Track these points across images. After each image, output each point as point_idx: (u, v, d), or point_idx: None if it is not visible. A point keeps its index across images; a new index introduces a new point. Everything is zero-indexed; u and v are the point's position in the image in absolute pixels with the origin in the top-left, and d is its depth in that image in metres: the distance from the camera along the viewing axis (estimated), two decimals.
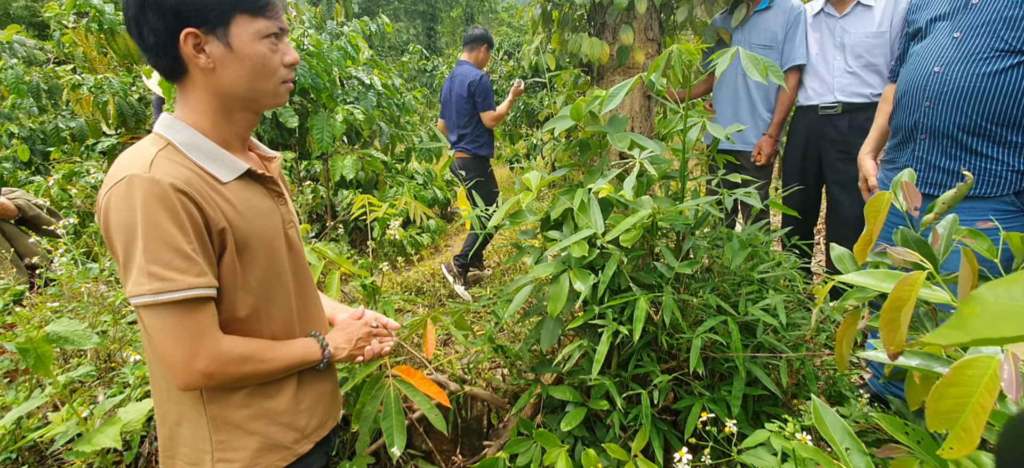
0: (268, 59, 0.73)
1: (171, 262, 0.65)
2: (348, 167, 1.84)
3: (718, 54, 1.18)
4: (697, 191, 1.43)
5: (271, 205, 0.81)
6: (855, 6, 1.99)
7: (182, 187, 0.66)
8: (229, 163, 0.75)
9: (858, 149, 2.04)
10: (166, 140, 0.72)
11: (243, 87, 0.73)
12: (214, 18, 0.68)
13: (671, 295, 1.21)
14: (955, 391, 0.50)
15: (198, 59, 0.70)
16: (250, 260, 0.75)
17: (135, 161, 0.67)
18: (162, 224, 0.64)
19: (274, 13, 0.73)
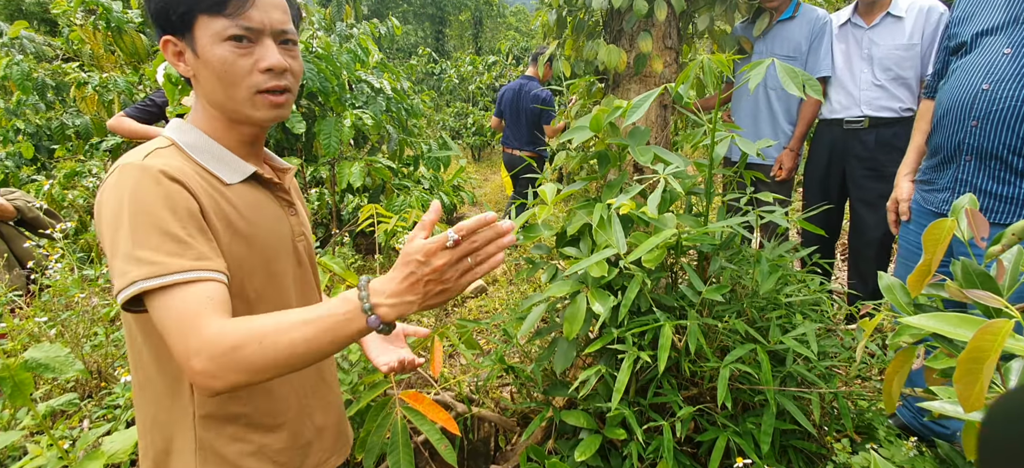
0: (230, 64, 0.64)
1: (161, 246, 0.58)
2: (355, 174, 1.78)
3: (749, 67, 1.11)
4: (721, 209, 1.36)
5: (280, 212, 0.75)
6: (884, 17, 1.91)
7: (176, 175, 0.61)
8: (234, 165, 0.70)
9: (885, 166, 1.97)
10: (170, 141, 0.68)
11: (218, 97, 0.67)
12: (177, 23, 0.63)
13: (696, 320, 1.14)
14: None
15: (178, 67, 0.67)
16: (250, 268, 0.69)
17: (132, 156, 0.64)
18: (150, 207, 0.59)
19: (236, 9, 0.63)
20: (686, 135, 1.43)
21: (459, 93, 10.26)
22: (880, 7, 1.92)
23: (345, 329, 0.56)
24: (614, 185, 1.44)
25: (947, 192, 1.29)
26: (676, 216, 1.32)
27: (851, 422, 1.17)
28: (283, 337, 0.55)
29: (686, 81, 1.17)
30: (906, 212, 1.45)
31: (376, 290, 0.57)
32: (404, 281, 0.56)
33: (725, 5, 2.17)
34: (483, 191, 7.00)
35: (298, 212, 0.79)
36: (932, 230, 0.76)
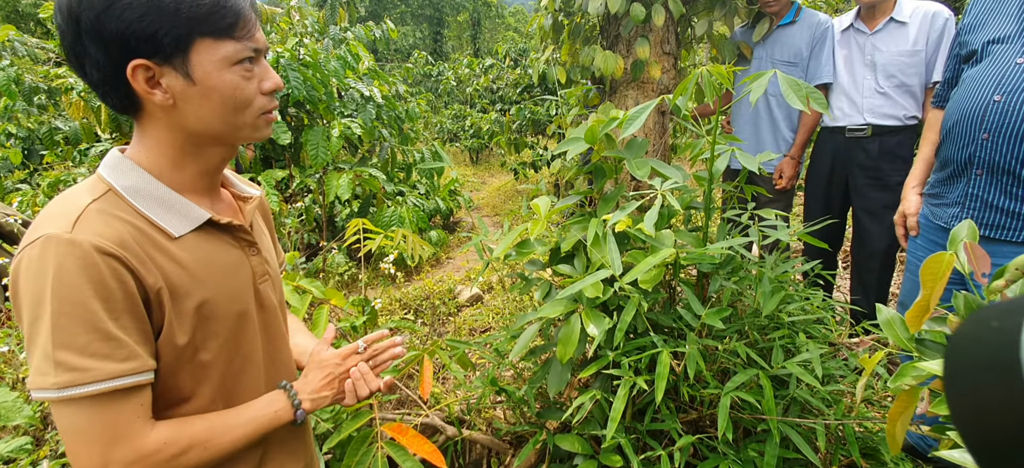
0: (241, 89, 0.60)
1: (88, 346, 0.52)
2: (343, 187, 1.72)
3: (751, 78, 1.06)
4: (722, 224, 1.30)
5: (238, 257, 0.67)
6: (888, 22, 1.86)
7: (110, 249, 0.53)
8: (184, 212, 0.61)
9: (888, 175, 1.92)
10: (107, 185, 0.59)
11: (216, 125, 0.60)
12: (169, 46, 0.55)
13: (696, 345, 1.08)
14: None
15: (153, 95, 0.57)
16: (204, 335, 0.62)
17: (58, 216, 0.54)
18: (78, 297, 0.51)
19: (245, 33, 0.59)
20: (686, 144, 1.38)
21: (457, 95, 10.20)
22: (883, 12, 1.87)
23: (278, 421, 0.68)
24: (610, 199, 1.39)
25: (957, 207, 1.23)
26: (674, 233, 1.27)
27: (858, 448, 1.12)
28: (226, 437, 0.63)
29: (685, 93, 1.12)
30: (914, 227, 1.40)
31: (300, 389, 0.72)
32: (322, 381, 0.73)
33: (724, 10, 2.12)
34: (481, 194, 6.95)
35: (261, 250, 0.71)
36: (930, 264, 0.71)
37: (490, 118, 6.70)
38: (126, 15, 0.53)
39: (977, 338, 0.23)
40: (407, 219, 1.94)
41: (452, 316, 2.98)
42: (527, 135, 6.27)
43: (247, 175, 1.92)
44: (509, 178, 7.45)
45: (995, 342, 0.21)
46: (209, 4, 0.56)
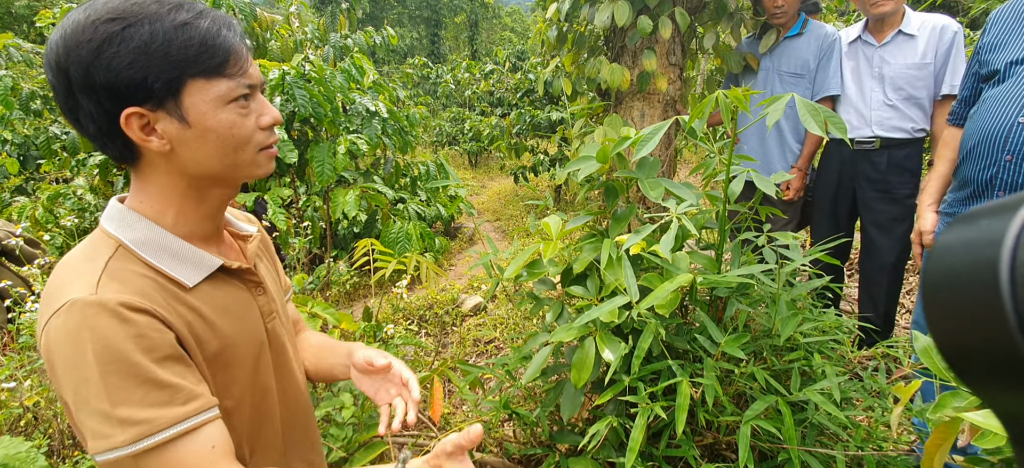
0: (238, 127, 0.58)
1: (146, 398, 0.51)
2: (350, 203, 1.70)
3: (769, 101, 1.05)
4: (736, 246, 1.29)
5: (247, 299, 0.67)
6: (896, 35, 1.85)
7: (139, 304, 0.52)
8: (196, 261, 0.60)
9: (896, 188, 1.91)
10: (115, 241, 0.57)
11: (214, 165, 0.58)
12: (160, 91, 0.53)
13: (713, 372, 1.07)
14: None
15: (149, 143, 0.55)
16: (224, 383, 0.61)
17: (77, 279, 0.53)
18: (122, 355, 0.50)
19: (238, 69, 0.57)
20: (699, 166, 1.37)
21: (455, 97, 10.18)
22: (891, 25, 1.86)
23: None
24: (622, 219, 1.38)
25: None
26: (689, 255, 1.26)
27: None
28: None
29: (701, 116, 1.10)
30: (931, 245, 1.39)
31: None
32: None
33: (731, 21, 2.11)
34: (480, 198, 6.92)
35: (266, 289, 0.70)
36: None
37: (490, 122, 6.68)
38: (114, 64, 0.51)
39: (962, 238, 0.21)
40: (414, 236, 1.92)
41: (456, 326, 2.96)
42: (527, 139, 6.26)
43: (253, 193, 1.89)
44: (509, 182, 7.43)
45: (979, 241, 0.20)
46: (197, 44, 0.54)
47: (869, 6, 1.83)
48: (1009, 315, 0.18)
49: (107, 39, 0.50)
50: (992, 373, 0.20)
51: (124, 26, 0.51)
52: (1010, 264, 0.18)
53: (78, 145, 3.30)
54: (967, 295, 0.20)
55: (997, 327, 0.18)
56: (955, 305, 0.21)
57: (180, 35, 0.53)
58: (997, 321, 0.18)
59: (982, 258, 0.19)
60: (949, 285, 0.21)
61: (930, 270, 0.22)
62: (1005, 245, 0.19)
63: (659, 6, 2.01)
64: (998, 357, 0.19)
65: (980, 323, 0.19)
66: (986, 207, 0.21)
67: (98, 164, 3.17)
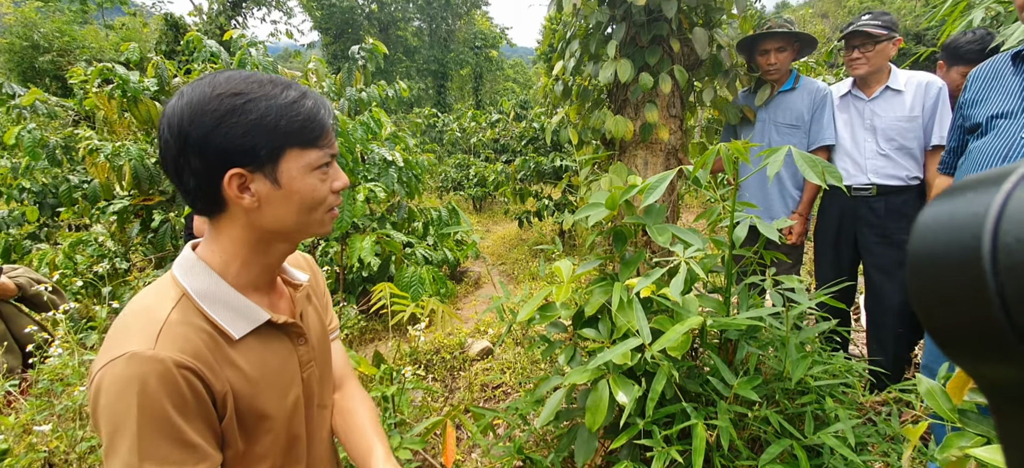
0: (318, 191, 0.65)
1: (169, 456, 0.56)
2: (366, 249, 1.76)
3: (770, 152, 1.12)
4: (743, 289, 1.33)
5: (288, 350, 0.71)
6: (884, 90, 1.97)
7: (189, 364, 0.58)
8: (246, 313, 0.65)
9: (896, 233, 1.96)
10: (181, 290, 0.63)
11: (290, 222, 0.65)
12: (264, 157, 0.61)
13: (727, 414, 1.08)
14: None
15: (242, 200, 0.62)
16: (260, 431, 0.66)
17: (140, 331, 0.58)
18: (162, 412, 0.55)
19: (327, 143, 0.66)
20: (703, 213, 1.43)
21: (461, 144, 10.48)
22: (878, 81, 1.98)
23: None
24: (631, 263, 1.42)
25: None
26: (698, 298, 1.29)
27: None
28: None
29: (705, 166, 1.17)
30: None
31: None
32: None
33: (727, 78, 2.24)
34: (485, 243, 6.99)
35: (309, 339, 0.74)
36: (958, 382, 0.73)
37: (495, 168, 6.86)
38: (232, 133, 0.58)
39: (940, 224, 0.21)
40: (427, 280, 1.97)
41: (463, 370, 2.95)
42: (531, 184, 6.40)
43: None
44: (513, 226, 7.53)
45: (961, 215, 0.20)
46: (302, 120, 0.62)
47: (849, 68, 1.97)
48: (990, 288, 0.18)
49: (230, 111, 0.58)
50: (974, 345, 0.20)
51: (245, 101, 0.59)
52: (992, 237, 0.18)
53: (99, 193, 3.42)
54: (950, 268, 0.20)
55: (979, 300, 0.18)
56: (938, 278, 0.21)
57: (288, 112, 0.61)
58: (979, 294, 0.18)
59: (965, 231, 0.19)
60: (932, 258, 0.21)
61: (914, 243, 0.22)
62: (988, 218, 0.18)
63: (659, 64, 2.14)
64: (980, 329, 0.19)
65: (962, 296, 0.19)
66: (970, 179, 0.21)
67: (116, 212, 3.27)
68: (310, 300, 0.80)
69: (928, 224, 0.22)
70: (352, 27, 19.24)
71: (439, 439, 1.81)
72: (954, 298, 0.20)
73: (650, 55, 2.12)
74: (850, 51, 1.97)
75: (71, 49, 13.21)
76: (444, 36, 21.21)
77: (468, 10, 21.65)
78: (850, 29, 1.94)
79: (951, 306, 0.20)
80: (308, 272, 0.82)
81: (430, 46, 20.89)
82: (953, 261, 0.20)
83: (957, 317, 0.20)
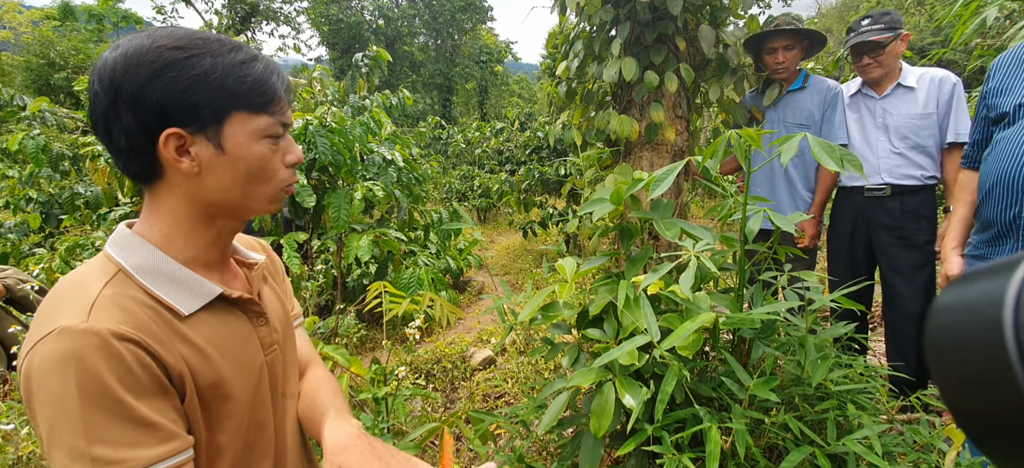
0: (268, 161, 0.60)
1: (122, 436, 0.49)
2: (364, 248, 1.71)
3: (782, 140, 1.06)
4: (758, 287, 1.26)
5: (248, 330, 0.65)
6: (895, 87, 1.90)
7: (131, 334, 0.51)
8: (194, 288, 0.59)
9: (913, 234, 1.88)
10: (117, 266, 0.56)
11: (234, 194, 0.60)
12: (206, 117, 0.55)
13: (743, 420, 1.01)
14: None
15: (180, 163, 0.56)
16: (222, 414, 0.60)
17: (71, 306, 0.52)
18: (105, 389, 0.49)
19: (279, 109, 0.61)
20: (713, 208, 1.37)
21: (465, 156, 10.50)
22: (890, 79, 1.92)
23: None
24: (638, 261, 1.36)
25: None
26: (709, 296, 1.22)
27: None
28: None
29: (715, 154, 1.12)
30: None
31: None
32: None
33: (735, 76, 2.20)
34: (489, 253, 6.93)
35: (269, 320, 0.69)
36: None
37: (499, 178, 6.83)
38: (170, 87, 0.53)
39: (959, 309, 0.21)
40: (426, 281, 1.91)
41: (465, 380, 2.87)
42: (535, 194, 6.36)
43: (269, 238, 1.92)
44: (517, 237, 7.48)
45: (980, 302, 0.20)
46: (251, 81, 0.57)
47: (859, 72, 1.91)
48: (1018, 375, 0.18)
49: (170, 63, 0.53)
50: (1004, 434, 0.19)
51: (188, 55, 0.54)
52: (1014, 324, 0.18)
53: (101, 200, 3.41)
54: (973, 356, 0.20)
55: (1006, 387, 0.18)
56: (961, 366, 0.21)
57: (236, 72, 0.56)
58: (1006, 381, 0.18)
59: (985, 318, 0.19)
60: (953, 346, 0.21)
61: (932, 331, 0.22)
62: (1006, 305, 0.18)
63: (664, 63, 2.10)
64: (1010, 418, 0.18)
65: (988, 384, 0.19)
66: (982, 269, 0.22)
67: (117, 219, 3.25)
68: (267, 280, 0.75)
69: (944, 310, 0.22)
70: (359, 42, 19.54)
71: (436, 448, 1.74)
72: (980, 386, 0.20)
73: (655, 54, 2.08)
74: (859, 59, 1.91)
75: (86, 66, 13.49)
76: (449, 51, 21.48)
77: (473, 25, 21.94)
78: (855, 41, 1.87)
79: (978, 394, 0.20)
80: (262, 253, 0.77)
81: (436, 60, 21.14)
82: (975, 348, 0.20)
83: (985, 405, 0.20)
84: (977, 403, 0.20)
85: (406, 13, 21.38)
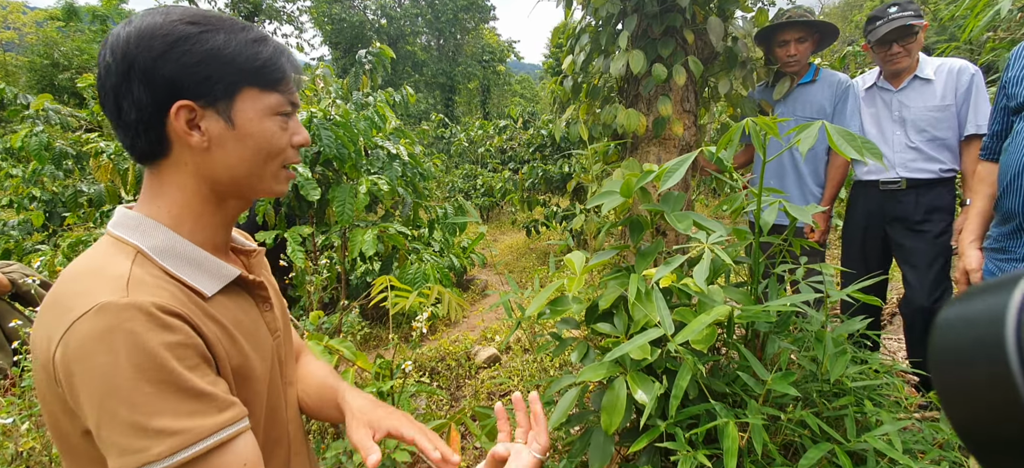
0: (276, 139, 0.60)
1: (181, 407, 0.47)
2: (368, 243, 1.69)
3: (800, 128, 1.03)
4: (772, 281, 1.23)
5: (257, 315, 0.65)
6: (912, 80, 1.87)
7: (174, 308, 0.50)
8: (214, 270, 0.58)
9: (929, 228, 1.84)
10: (133, 248, 0.54)
11: (242, 171, 0.59)
12: (218, 91, 0.55)
13: (759, 417, 0.98)
14: None
15: (190, 138, 0.55)
16: (246, 397, 0.58)
17: (104, 282, 0.49)
18: (158, 360, 0.47)
19: (288, 87, 0.61)
20: (724, 200, 1.34)
21: (468, 155, 10.48)
22: (907, 71, 1.88)
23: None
24: (648, 254, 1.33)
25: None
26: (722, 289, 1.19)
27: None
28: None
29: (730, 143, 1.09)
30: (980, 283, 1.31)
31: None
32: None
33: (744, 70, 2.16)
34: (493, 252, 6.91)
35: (273, 306, 0.69)
36: None
37: (503, 176, 6.81)
38: (184, 60, 0.53)
39: (962, 325, 0.22)
40: (432, 276, 1.89)
41: (470, 378, 2.84)
42: (539, 193, 6.34)
43: (272, 231, 1.90)
44: (520, 236, 7.45)
45: (982, 319, 0.20)
46: (265, 58, 0.58)
47: (887, 63, 1.86)
48: (1021, 392, 0.18)
49: (184, 37, 0.53)
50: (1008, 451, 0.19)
51: (202, 30, 0.54)
52: (1016, 341, 0.18)
53: (104, 198, 3.40)
54: (976, 372, 0.20)
55: (1009, 404, 0.18)
56: (963, 383, 0.21)
57: (248, 49, 0.57)
58: (1009, 398, 0.18)
59: (987, 334, 0.19)
60: (956, 363, 0.21)
61: (935, 348, 0.22)
62: (1008, 322, 0.19)
63: (672, 56, 2.07)
64: (1013, 435, 0.18)
65: (991, 400, 0.19)
66: (981, 286, 0.22)
67: None
68: (266, 269, 0.75)
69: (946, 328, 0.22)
70: (362, 41, 19.56)
71: None
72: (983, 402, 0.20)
73: (663, 47, 2.05)
74: (888, 47, 1.83)
75: (90, 66, 13.55)
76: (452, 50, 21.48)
77: (476, 25, 21.94)
78: (893, 26, 1.77)
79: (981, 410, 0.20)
80: (254, 244, 0.76)
81: (438, 60, 21.15)
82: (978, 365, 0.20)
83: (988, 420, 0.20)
84: (980, 420, 0.20)
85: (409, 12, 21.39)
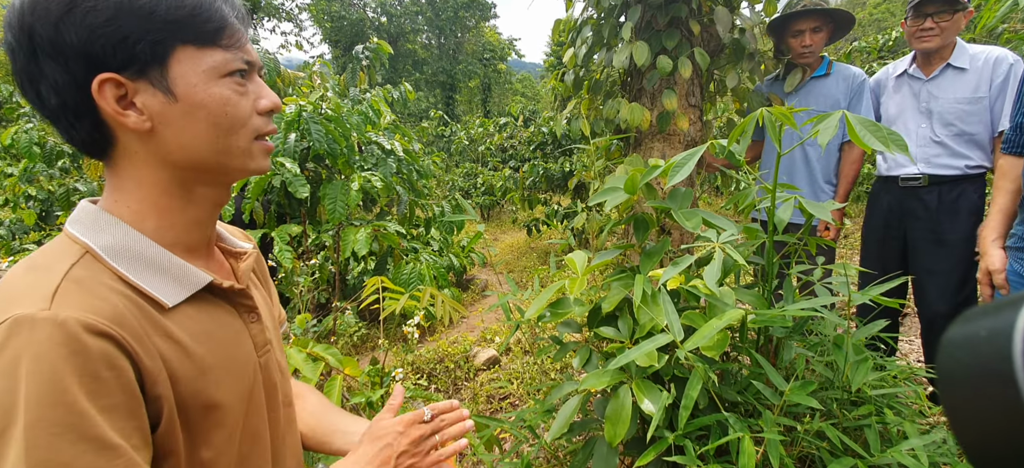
0: (233, 105, 0.50)
1: (76, 460, 0.39)
2: (361, 242, 1.62)
3: (818, 118, 0.96)
4: (788, 282, 1.16)
5: (238, 327, 0.56)
6: (945, 68, 1.75)
7: (104, 327, 0.42)
8: (178, 275, 0.50)
9: (948, 230, 1.74)
10: (83, 247, 0.47)
11: (201, 151, 0.50)
12: (144, 55, 0.45)
13: (776, 430, 0.91)
14: None
15: (126, 118, 0.46)
16: (208, 424, 0.50)
17: (28, 291, 0.42)
18: (64, 397, 0.39)
19: (233, 40, 0.51)
20: (733, 198, 1.26)
21: (468, 154, 10.41)
22: (940, 58, 1.77)
23: None
24: (654, 254, 1.26)
25: None
26: (734, 292, 1.12)
27: None
28: None
29: (743, 134, 1.02)
30: (1003, 285, 1.23)
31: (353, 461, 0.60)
32: (379, 455, 0.60)
33: (752, 62, 2.09)
34: (493, 251, 6.84)
35: (260, 317, 0.59)
36: None
37: (503, 175, 6.74)
38: (89, 21, 0.43)
39: (969, 345, 0.21)
40: (427, 276, 1.82)
41: (468, 381, 2.78)
42: (540, 191, 6.27)
43: (260, 230, 1.83)
44: (521, 235, 7.38)
45: (988, 351, 0.20)
46: (190, 7, 0.47)
47: (914, 40, 1.75)
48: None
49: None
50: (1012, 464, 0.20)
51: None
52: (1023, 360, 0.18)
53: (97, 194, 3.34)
54: (983, 393, 0.20)
55: (1018, 424, 0.18)
56: (971, 403, 0.21)
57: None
58: (1017, 418, 0.18)
59: (994, 354, 0.19)
60: (963, 382, 0.21)
61: (942, 366, 0.22)
62: (1016, 340, 0.19)
63: (677, 48, 1.99)
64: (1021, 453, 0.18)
65: (999, 420, 0.19)
66: (983, 307, 0.22)
67: None
68: (255, 275, 0.66)
69: (952, 347, 0.22)
70: (361, 40, 19.50)
71: None
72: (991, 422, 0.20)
73: (668, 39, 1.98)
74: (920, 20, 1.69)
75: None
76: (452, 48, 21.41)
77: (476, 22, 21.86)
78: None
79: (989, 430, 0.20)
80: (249, 244, 0.67)
81: (438, 58, 21.07)
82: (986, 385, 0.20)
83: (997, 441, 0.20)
84: (988, 441, 0.20)
85: (409, 10, 21.32)
